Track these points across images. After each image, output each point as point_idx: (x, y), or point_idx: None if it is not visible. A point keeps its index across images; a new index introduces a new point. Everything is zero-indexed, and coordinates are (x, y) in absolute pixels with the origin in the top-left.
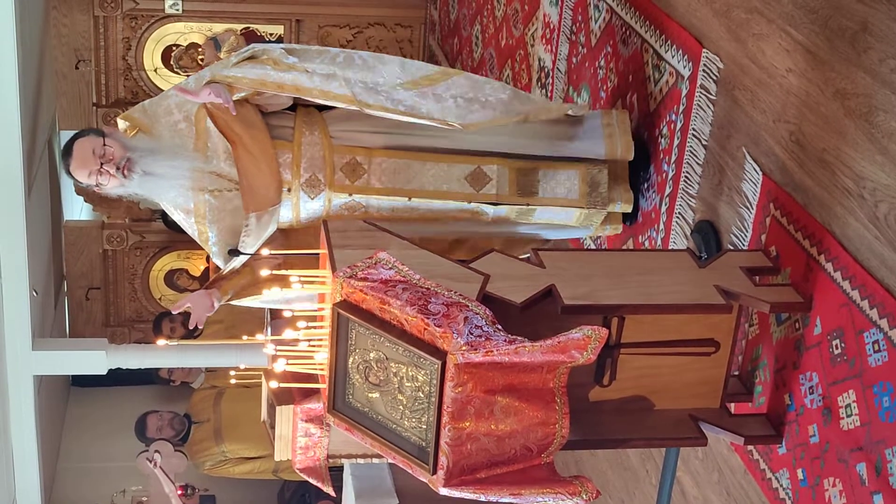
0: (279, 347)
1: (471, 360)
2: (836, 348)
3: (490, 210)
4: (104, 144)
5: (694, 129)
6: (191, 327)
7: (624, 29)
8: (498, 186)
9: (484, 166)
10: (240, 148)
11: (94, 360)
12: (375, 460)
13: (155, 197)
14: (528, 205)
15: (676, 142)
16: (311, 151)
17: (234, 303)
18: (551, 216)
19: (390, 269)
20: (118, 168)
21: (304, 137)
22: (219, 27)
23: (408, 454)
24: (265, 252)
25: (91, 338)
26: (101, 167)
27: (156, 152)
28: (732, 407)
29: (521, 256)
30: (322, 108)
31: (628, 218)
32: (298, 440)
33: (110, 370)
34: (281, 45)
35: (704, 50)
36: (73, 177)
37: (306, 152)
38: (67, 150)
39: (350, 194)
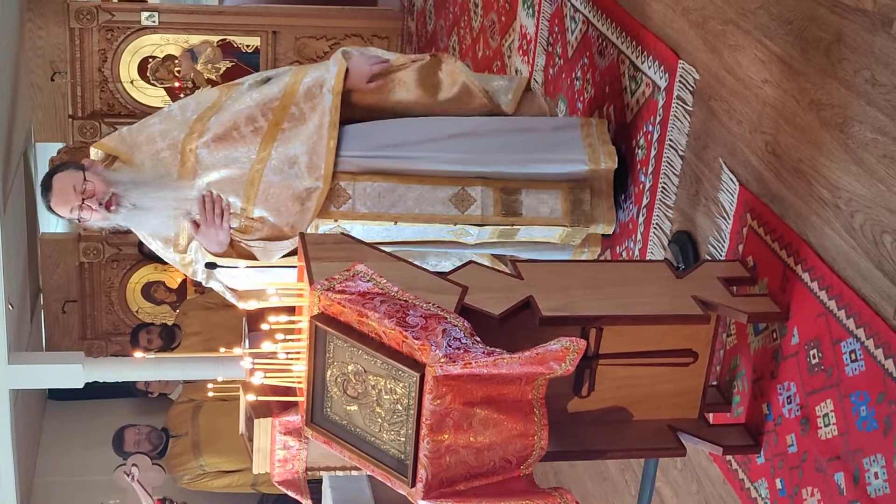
0: (257, 360)
1: (449, 373)
2: (814, 358)
3: (474, 232)
4: (85, 180)
5: (670, 140)
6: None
7: (600, 40)
8: (483, 207)
9: (468, 188)
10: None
11: (71, 373)
12: (354, 473)
13: (137, 228)
14: (512, 225)
15: (653, 153)
16: None
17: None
18: (533, 234)
19: (368, 281)
20: (101, 203)
21: None
22: (195, 39)
23: (386, 467)
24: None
25: (68, 351)
26: (83, 203)
27: (140, 185)
28: (711, 417)
29: None
30: None
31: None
32: (277, 453)
33: (87, 383)
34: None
35: (681, 61)
36: (54, 212)
37: None
38: (46, 186)
39: (335, 220)
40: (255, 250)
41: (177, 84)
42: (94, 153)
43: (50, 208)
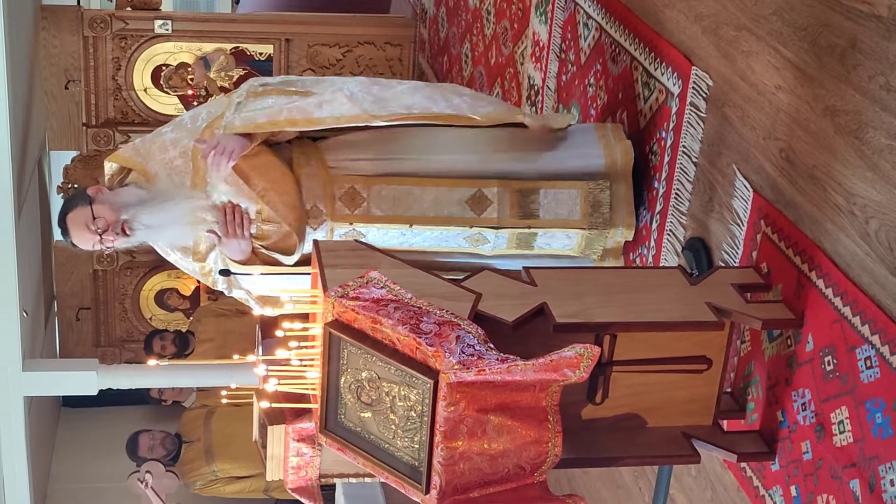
0: (270, 367)
1: (463, 379)
2: (829, 364)
3: (491, 237)
4: (93, 216)
5: (684, 147)
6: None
7: (613, 47)
8: (499, 210)
9: (484, 189)
10: (267, 200)
11: (85, 380)
12: (368, 479)
13: (155, 242)
14: (529, 227)
15: (667, 159)
16: (310, 183)
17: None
18: (552, 243)
19: (382, 288)
20: (117, 233)
21: (303, 169)
22: (208, 47)
23: (400, 474)
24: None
25: (81, 358)
26: (101, 237)
27: (148, 202)
28: (725, 424)
29: None
30: (316, 138)
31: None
32: (290, 460)
33: (101, 390)
34: (278, 78)
35: (694, 67)
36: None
37: (305, 183)
38: (63, 229)
39: (351, 223)
40: (277, 255)
41: (190, 92)
42: (108, 167)
43: (74, 245)
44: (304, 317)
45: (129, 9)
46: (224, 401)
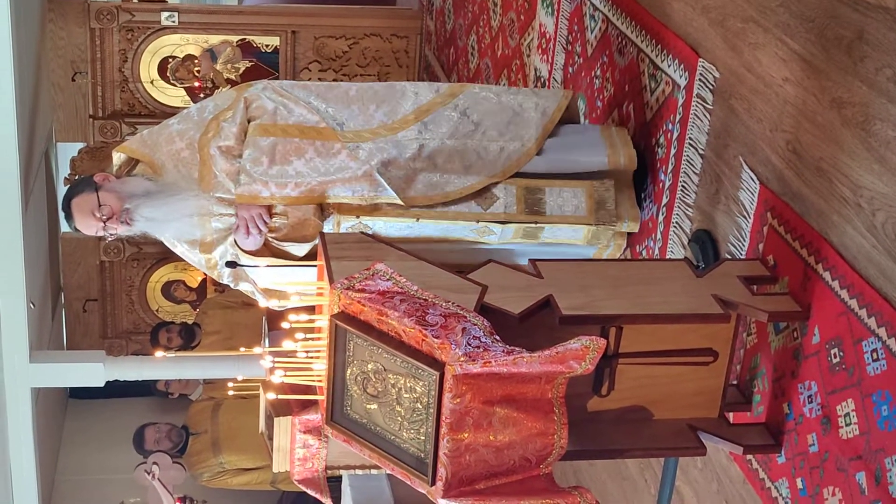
0: (277, 359)
1: (469, 371)
2: (835, 357)
3: (497, 230)
4: (99, 203)
5: (690, 139)
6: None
7: (620, 39)
8: (506, 205)
9: (491, 186)
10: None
11: (92, 372)
12: (374, 471)
13: (160, 234)
14: (535, 223)
15: (673, 151)
16: None
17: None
18: (558, 234)
19: (388, 280)
20: (121, 221)
21: None
22: (215, 39)
23: (406, 465)
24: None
25: (88, 350)
26: (105, 224)
27: (153, 195)
28: (731, 416)
29: None
30: None
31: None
32: (297, 451)
33: (108, 382)
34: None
35: (700, 59)
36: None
37: None
38: (67, 213)
39: (357, 216)
40: (288, 246)
41: (196, 84)
42: (117, 157)
43: (77, 230)
44: (311, 309)
45: (135, 1)
46: (231, 393)
